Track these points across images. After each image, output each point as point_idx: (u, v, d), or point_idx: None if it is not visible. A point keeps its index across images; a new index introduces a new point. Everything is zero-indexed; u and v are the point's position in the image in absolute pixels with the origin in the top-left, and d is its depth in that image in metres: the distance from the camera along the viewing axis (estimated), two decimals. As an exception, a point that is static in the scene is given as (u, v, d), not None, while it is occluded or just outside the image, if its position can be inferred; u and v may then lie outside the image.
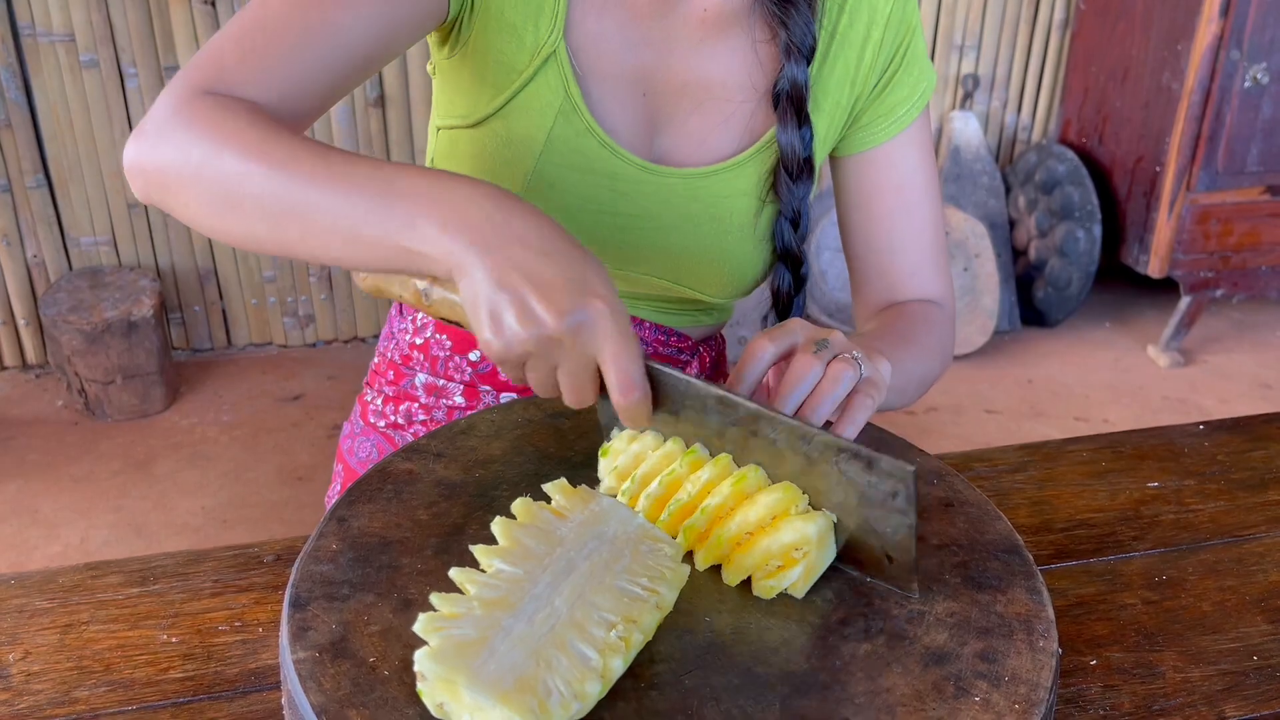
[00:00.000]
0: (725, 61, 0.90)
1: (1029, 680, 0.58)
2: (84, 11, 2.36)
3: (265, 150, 0.67)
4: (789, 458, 0.65)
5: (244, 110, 0.70)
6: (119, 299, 2.46)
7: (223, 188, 0.68)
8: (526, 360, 0.63)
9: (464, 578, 0.57)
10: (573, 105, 0.86)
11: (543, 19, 0.83)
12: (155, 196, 0.71)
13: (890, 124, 0.94)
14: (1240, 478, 0.93)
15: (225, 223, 0.69)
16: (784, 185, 0.90)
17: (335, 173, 0.66)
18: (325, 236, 0.66)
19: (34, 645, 0.72)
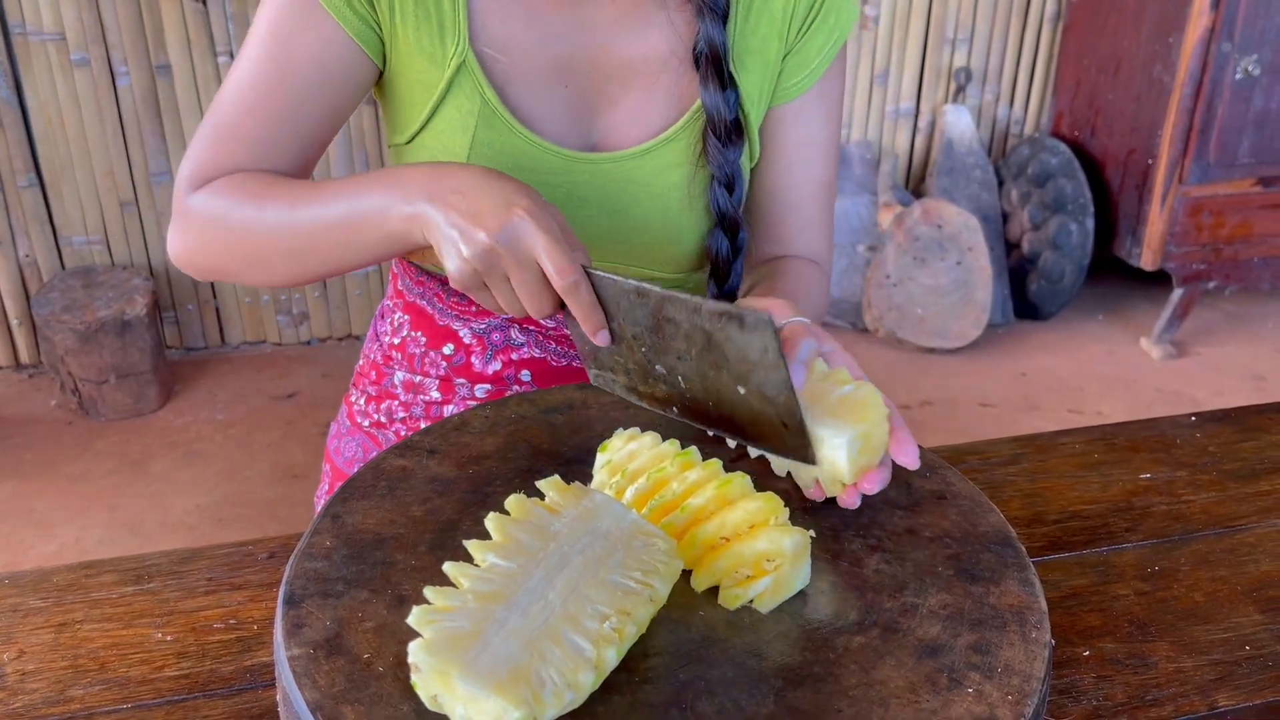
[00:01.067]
0: (644, 37, 0.90)
1: (1022, 671, 0.59)
2: (74, 10, 2.36)
3: (263, 214, 0.83)
4: (695, 338, 0.69)
5: (230, 185, 0.86)
6: (112, 298, 2.45)
7: (252, 256, 0.85)
8: (485, 282, 0.74)
9: (458, 571, 0.57)
10: (491, 109, 0.88)
11: (446, 34, 0.87)
12: (211, 278, 0.91)
13: (804, 77, 0.94)
14: (1232, 468, 0.93)
15: (269, 275, 0.86)
16: (713, 149, 0.90)
17: (320, 202, 0.81)
18: (338, 254, 0.82)
19: (28, 644, 0.72)
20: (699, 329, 0.68)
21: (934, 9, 2.87)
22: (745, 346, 0.66)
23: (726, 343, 0.67)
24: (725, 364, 0.68)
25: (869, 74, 2.91)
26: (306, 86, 0.86)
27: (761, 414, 0.68)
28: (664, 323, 0.70)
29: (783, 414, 0.67)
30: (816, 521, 0.70)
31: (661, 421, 0.79)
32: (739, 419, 0.70)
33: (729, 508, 0.63)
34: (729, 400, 0.70)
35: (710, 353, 0.69)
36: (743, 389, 0.68)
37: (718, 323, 0.67)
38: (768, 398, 0.67)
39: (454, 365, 1.02)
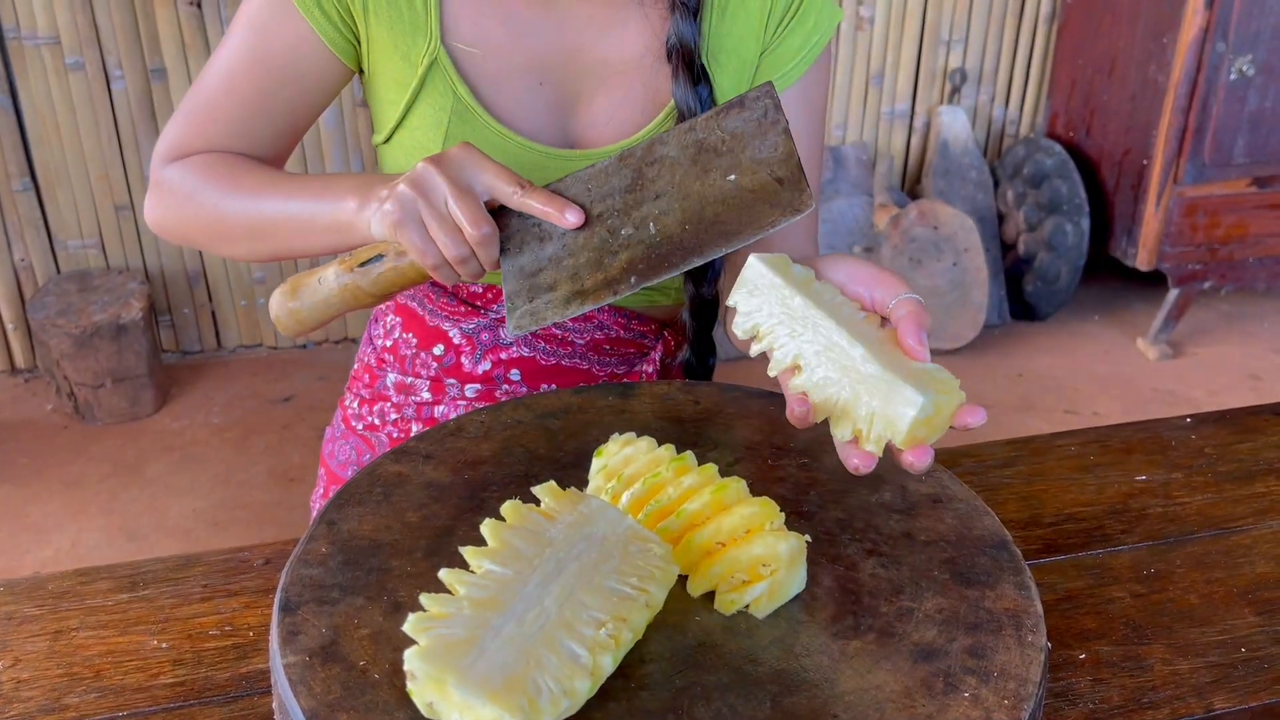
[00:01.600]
0: (619, 34, 0.91)
1: (1018, 675, 0.59)
2: (69, 14, 2.35)
3: (229, 194, 0.88)
4: (683, 159, 0.75)
5: (205, 163, 0.90)
6: (108, 302, 2.45)
7: (216, 231, 0.90)
8: (419, 214, 0.75)
9: (453, 578, 0.57)
10: (464, 106, 0.89)
11: (418, 32, 0.88)
12: (186, 245, 0.99)
13: (781, 76, 0.94)
14: (1227, 470, 0.93)
15: (232, 251, 0.92)
16: None
17: (282, 189, 0.87)
18: (292, 237, 0.86)
19: (23, 652, 0.72)
20: (692, 143, 0.76)
21: (929, 10, 2.87)
22: (744, 124, 0.75)
23: (723, 131, 0.75)
24: (716, 160, 0.75)
25: (864, 75, 2.91)
26: (281, 78, 0.90)
27: (752, 189, 0.73)
28: (647, 168, 0.77)
29: (778, 170, 0.73)
30: (812, 526, 0.70)
31: (657, 426, 0.79)
32: (723, 221, 0.73)
33: (725, 513, 0.63)
34: (714, 205, 0.74)
35: (699, 161, 0.75)
36: (734, 175, 0.74)
37: (714, 122, 0.76)
38: (762, 160, 0.73)
39: (444, 366, 1.03)
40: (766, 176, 0.73)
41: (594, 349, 1.02)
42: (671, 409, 0.82)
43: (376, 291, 0.83)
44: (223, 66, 0.90)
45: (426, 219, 0.76)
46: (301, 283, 0.86)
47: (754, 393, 0.85)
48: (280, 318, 0.87)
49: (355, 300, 0.84)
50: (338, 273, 0.84)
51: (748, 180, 0.74)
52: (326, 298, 0.84)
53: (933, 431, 0.64)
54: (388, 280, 0.82)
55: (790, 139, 0.74)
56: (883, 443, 0.65)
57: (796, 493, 0.73)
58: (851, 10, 2.83)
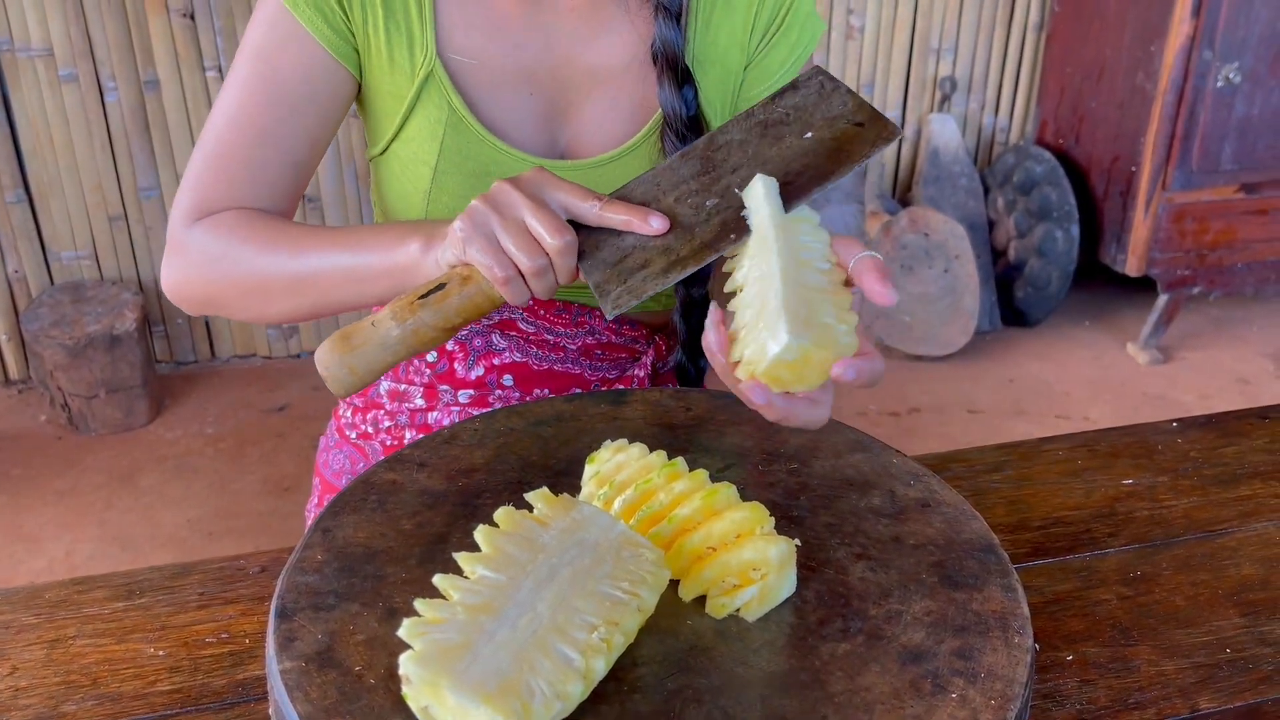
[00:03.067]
0: (607, 43, 0.92)
1: (1004, 676, 0.59)
2: (62, 26, 2.36)
3: (267, 249, 0.85)
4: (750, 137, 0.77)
5: (233, 221, 0.87)
6: (101, 313, 2.45)
7: (251, 289, 0.87)
8: (491, 227, 0.73)
9: (448, 584, 0.58)
10: (458, 117, 0.90)
11: (415, 45, 0.89)
12: (207, 313, 0.91)
13: (765, 88, 0.95)
14: (1212, 473, 0.94)
15: (266, 309, 0.88)
16: (670, 146, 0.91)
17: (328, 240, 0.84)
18: (340, 287, 0.84)
19: (21, 661, 0.72)
20: (755, 124, 0.77)
21: (918, 19, 2.89)
22: (804, 99, 0.77)
23: (784, 108, 0.77)
24: (786, 130, 0.76)
25: (855, 84, 2.93)
26: (293, 103, 0.88)
27: (834, 138, 0.75)
28: (714, 153, 0.77)
29: (855, 117, 0.75)
30: (802, 531, 0.70)
31: (649, 433, 0.80)
32: (812, 166, 0.74)
33: (715, 518, 0.64)
34: (798, 159, 0.75)
35: (768, 135, 0.76)
36: (810, 134, 0.75)
37: (771, 105, 0.78)
38: (834, 116, 0.76)
39: (437, 372, 1.03)
40: (844, 125, 0.75)
41: (586, 354, 1.03)
42: (663, 415, 0.83)
43: (442, 324, 0.76)
44: (234, 103, 0.88)
45: (499, 232, 0.73)
46: (354, 331, 0.77)
47: (745, 399, 0.85)
48: (333, 372, 0.77)
49: (417, 339, 0.76)
50: (394, 311, 0.76)
51: (826, 133, 0.75)
52: (383, 340, 0.76)
53: (799, 380, 0.64)
54: (454, 309, 0.76)
55: (857, 95, 0.75)
56: (748, 370, 0.64)
57: (786, 498, 0.74)
58: (842, 19, 2.85)
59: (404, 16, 0.88)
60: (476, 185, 0.92)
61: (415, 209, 0.93)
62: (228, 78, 0.89)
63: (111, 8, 2.38)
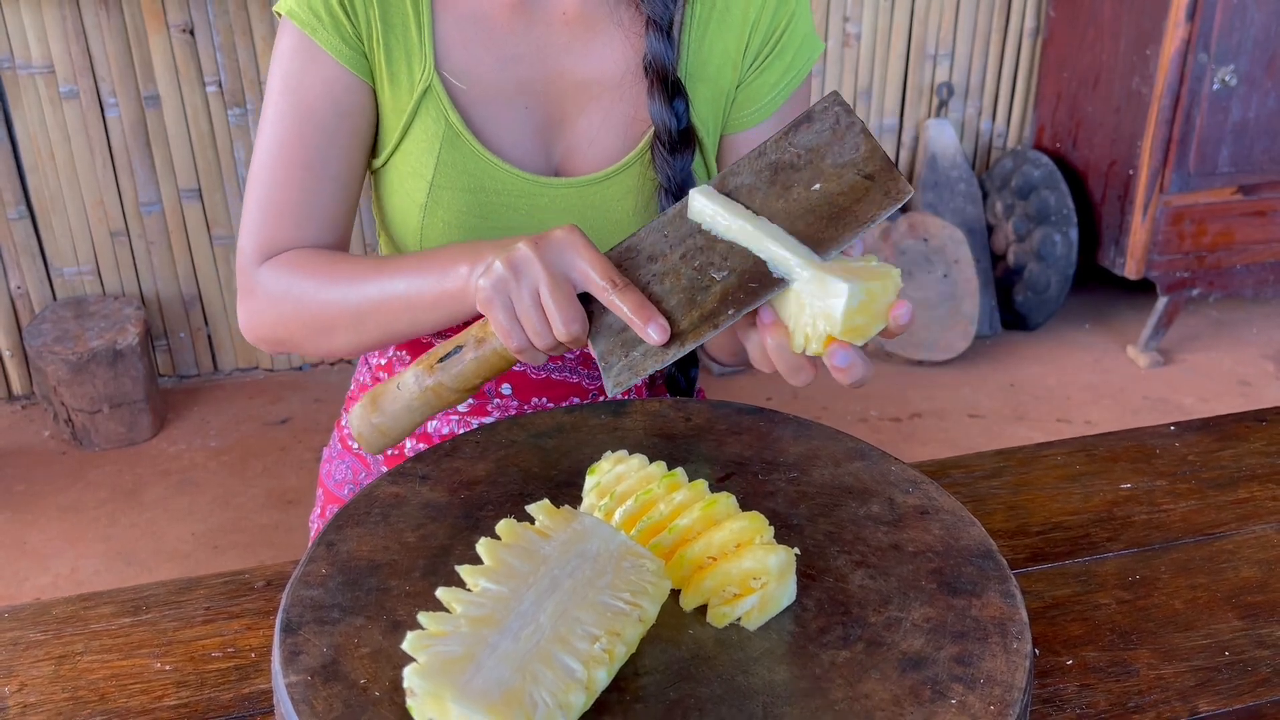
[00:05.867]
0: (599, 57, 0.92)
1: (1004, 682, 0.60)
2: (63, 43, 2.38)
3: (327, 283, 0.88)
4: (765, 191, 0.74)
5: (296, 260, 0.90)
6: (104, 328, 2.46)
7: (316, 324, 0.89)
8: (511, 296, 0.74)
9: (451, 597, 0.58)
10: (455, 132, 0.91)
11: (414, 60, 0.90)
12: (282, 351, 0.93)
13: (756, 110, 0.96)
14: (1210, 477, 0.95)
15: (333, 343, 0.89)
16: (660, 158, 0.92)
17: (383, 270, 0.85)
18: (397, 316, 0.85)
19: (29, 677, 0.73)
20: (766, 165, 0.75)
21: (915, 26, 2.91)
22: (817, 137, 0.74)
23: (796, 148, 0.74)
24: (795, 176, 0.73)
25: (852, 91, 2.94)
26: (327, 127, 0.90)
27: (841, 193, 0.72)
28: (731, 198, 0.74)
29: (865, 168, 0.72)
30: (801, 539, 0.71)
31: (649, 443, 0.81)
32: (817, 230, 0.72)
33: (715, 528, 0.64)
34: (803, 218, 0.72)
35: (778, 180, 0.74)
36: (818, 184, 0.73)
37: (784, 142, 0.75)
38: (845, 163, 0.73)
39: None
40: (854, 176, 0.72)
41: (584, 363, 1.03)
42: (663, 426, 0.84)
43: (459, 387, 0.80)
44: (273, 140, 0.90)
45: (516, 303, 0.75)
46: (381, 393, 0.82)
47: (744, 409, 0.86)
48: (363, 434, 0.83)
49: (439, 400, 0.80)
50: (417, 375, 0.80)
51: (834, 185, 0.73)
52: (409, 403, 0.81)
53: (873, 319, 0.68)
54: (470, 372, 0.79)
55: (871, 136, 0.73)
56: (825, 340, 0.69)
57: (786, 506, 0.74)
58: (838, 26, 2.86)
59: (403, 32, 0.89)
60: (472, 200, 0.92)
61: (412, 222, 0.94)
62: (263, 112, 0.91)
63: (111, 24, 2.39)
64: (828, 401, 2.66)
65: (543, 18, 0.91)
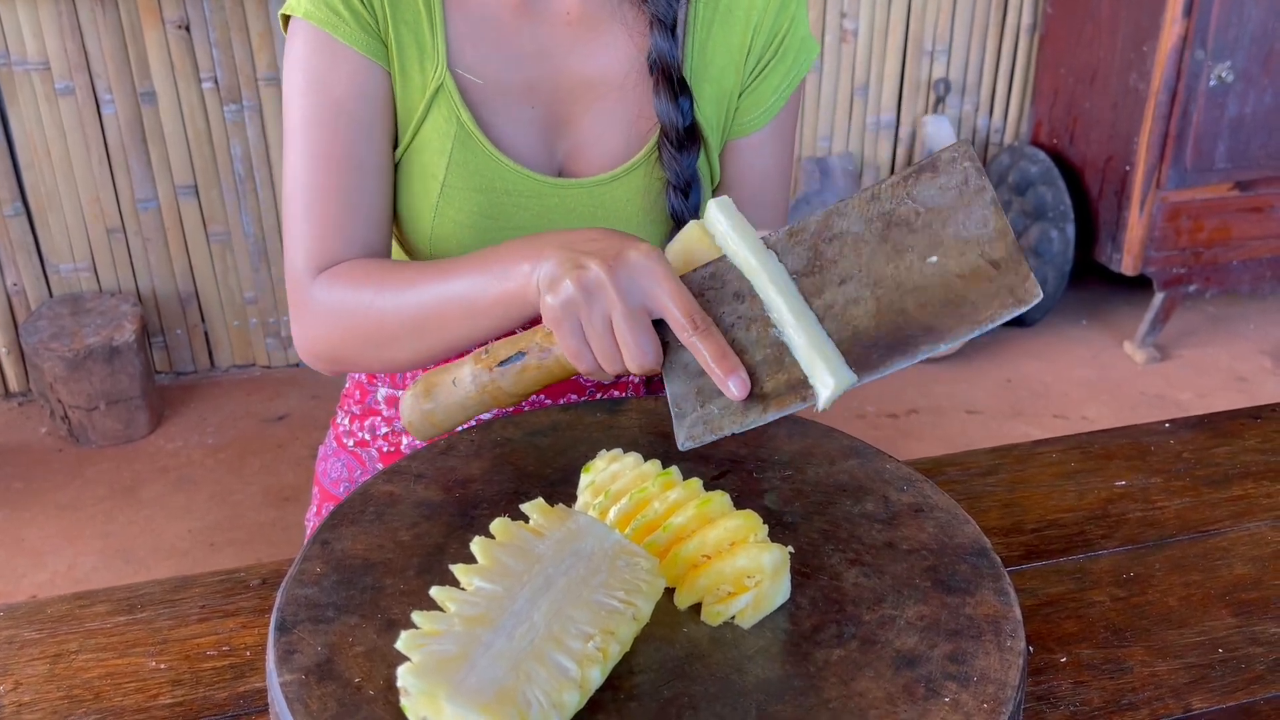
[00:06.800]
0: (605, 57, 0.92)
1: (997, 680, 0.60)
2: (58, 39, 2.37)
3: (383, 292, 0.84)
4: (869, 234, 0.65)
5: (349, 271, 0.87)
6: (100, 324, 2.46)
7: (374, 337, 0.85)
8: (580, 315, 0.69)
9: (445, 596, 0.58)
10: (467, 132, 0.90)
11: (427, 59, 0.89)
12: (340, 370, 0.91)
13: (759, 114, 0.96)
14: (1205, 474, 0.95)
15: (393, 355, 0.85)
16: (668, 155, 0.92)
17: (441, 273, 0.81)
18: (457, 322, 0.80)
19: (24, 676, 0.73)
20: (878, 216, 0.65)
21: (912, 21, 2.90)
22: (941, 194, 0.64)
23: (915, 202, 0.64)
24: (910, 238, 0.64)
25: (849, 87, 2.94)
26: (359, 122, 0.88)
27: (960, 275, 0.63)
28: (825, 245, 0.66)
29: (991, 250, 0.62)
30: (796, 538, 0.71)
31: (644, 441, 0.81)
32: (928, 315, 0.63)
33: (709, 526, 0.65)
34: (914, 294, 0.64)
35: (889, 238, 0.65)
36: (935, 257, 0.63)
37: (903, 190, 0.65)
38: (969, 239, 0.63)
39: None
40: (976, 258, 0.62)
41: None
42: (658, 424, 0.84)
43: (518, 391, 0.76)
44: (303, 144, 0.87)
45: (587, 327, 0.70)
46: (435, 382, 0.79)
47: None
48: (413, 421, 0.80)
49: (494, 401, 0.77)
50: (474, 372, 0.77)
51: (954, 263, 0.63)
52: (463, 400, 0.77)
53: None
54: (531, 379, 0.76)
55: (1001, 212, 0.63)
56: None
57: (780, 505, 0.74)
58: (835, 22, 2.86)
59: (415, 29, 0.89)
60: (483, 201, 0.92)
61: (423, 221, 0.93)
62: (287, 120, 0.88)
63: (107, 21, 2.39)
64: (825, 398, 2.66)
65: (547, 18, 0.91)
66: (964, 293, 0.63)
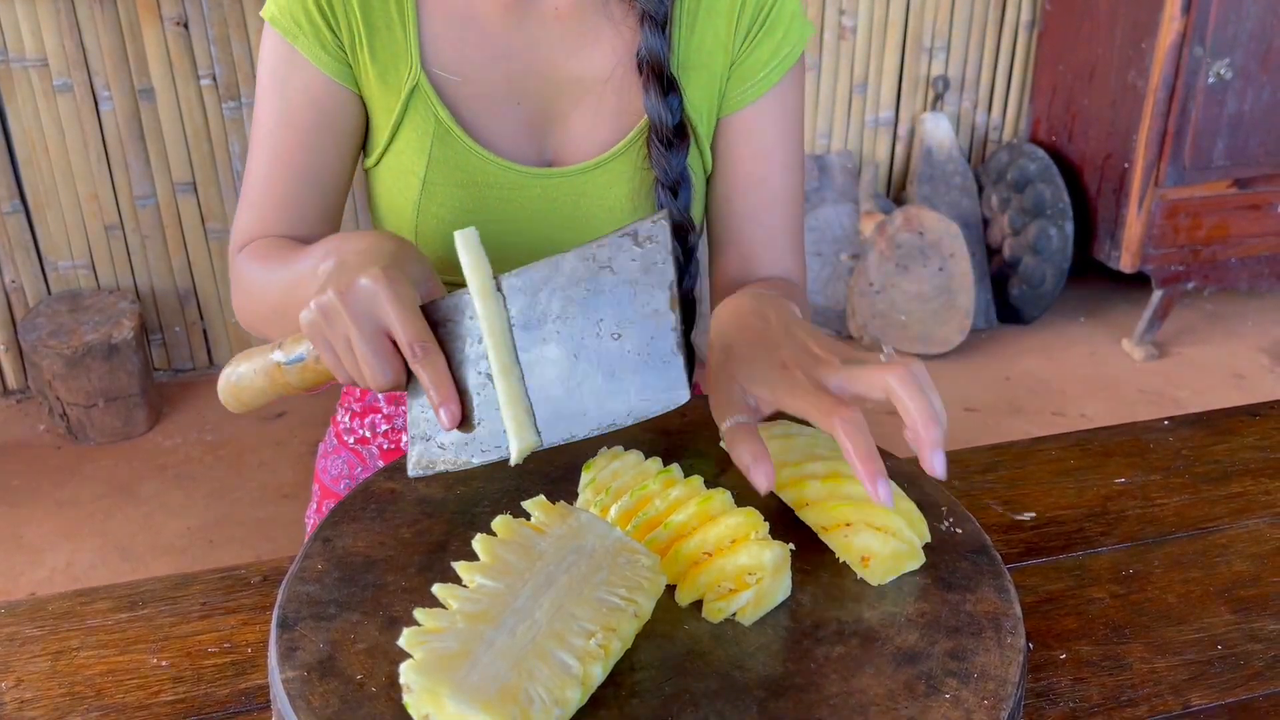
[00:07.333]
0: (592, 51, 0.92)
1: (997, 676, 0.60)
2: (56, 36, 2.37)
3: (264, 269, 0.86)
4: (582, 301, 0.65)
5: (254, 248, 0.90)
6: (99, 322, 2.46)
7: (262, 312, 0.88)
8: (325, 335, 0.69)
9: (447, 593, 0.58)
10: (445, 129, 0.91)
11: (400, 60, 0.90)
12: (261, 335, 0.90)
13: (749, 87, 0.95)
14: (1203, 471, 0.95)
15: (281, 329, 0.84)
16: (657, 153, 0.92)
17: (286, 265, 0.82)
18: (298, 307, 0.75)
19: (25, 673, 0.73)
20: (585, 278, 0.65)
21: (911, 19, 2.90)
22: (634, 265, 0.64)
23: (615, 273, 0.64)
24: (607, 308, 0.65)
25: (848, 84, 2.94)
26: (307, 131, 0.91)
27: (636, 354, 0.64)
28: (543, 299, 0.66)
29: (658, 341, 0.64)
30: (796, 534, 0.71)
31: (644, 439, 0.81)
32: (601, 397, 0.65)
33: (711, 523, 0.65)
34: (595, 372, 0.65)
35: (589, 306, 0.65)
36: (620, 334, 0.65)
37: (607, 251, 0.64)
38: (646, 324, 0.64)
39: None
40: (647, 345, 0.64)
41: None
42: (658, 422, 0.83)
43: (304, 386, 0.77)
44: (260, 139, 0.92)
45: (334, 346, 0.70)
46: (243, 359, 0.80)
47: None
48: (222, 391, 0.81)
49: (287, 390, 0.78)
50: (267, 371, 0.77)
51: (631, 346, 0.65)
52: (264, 386, 0.78)
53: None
54: (311, 378, 0.76)
55: (675, 302, 0.64)
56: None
57: (781, 503, 0.74)
58: (834, 20, 2.86)
59: (388, 32, 0.90)
60: (465, 195, 0.93)
61: (406, 219, 0.94)
62: (255, 113, 0.93)
63: (105, 17, 2.39)
64: (823, 395, 2.67)
65: (535, 14, 0.91)
66: (632, 379, 0.65)
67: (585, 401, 0.66)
